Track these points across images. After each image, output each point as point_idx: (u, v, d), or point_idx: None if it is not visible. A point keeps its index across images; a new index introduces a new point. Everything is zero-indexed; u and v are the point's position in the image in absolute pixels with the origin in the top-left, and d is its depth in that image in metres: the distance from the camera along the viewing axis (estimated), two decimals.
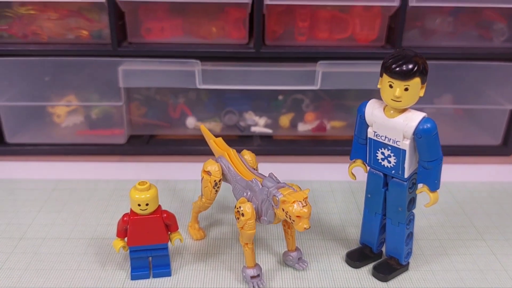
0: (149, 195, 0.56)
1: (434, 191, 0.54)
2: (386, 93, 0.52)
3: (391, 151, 0.54)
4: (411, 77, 0.49)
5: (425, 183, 0.54)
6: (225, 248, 0.66)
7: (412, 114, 0.52)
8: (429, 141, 0.51)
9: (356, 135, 0.58)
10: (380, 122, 0.54)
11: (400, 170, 0.54)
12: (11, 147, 0.91)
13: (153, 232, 0.58)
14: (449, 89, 0.91)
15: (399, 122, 0.52)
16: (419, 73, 0.49)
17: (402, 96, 0.50)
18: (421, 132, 0.51)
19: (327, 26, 0.86)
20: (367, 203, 0.61)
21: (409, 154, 0.53)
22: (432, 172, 0.53)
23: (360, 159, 0.60)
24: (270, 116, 0.95)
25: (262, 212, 0.56)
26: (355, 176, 0.61)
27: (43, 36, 0.86)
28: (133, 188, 0.57)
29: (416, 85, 0.50)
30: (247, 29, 0.86)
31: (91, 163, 0.89)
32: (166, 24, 0.86)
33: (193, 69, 0.85)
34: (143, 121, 0.95)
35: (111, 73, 0.86)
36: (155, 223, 0.58)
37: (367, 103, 0.56)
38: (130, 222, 0.57)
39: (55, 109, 0.91)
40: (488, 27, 0.88)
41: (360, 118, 0.56)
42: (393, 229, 0.59)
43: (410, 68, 0.49)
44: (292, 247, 0.62)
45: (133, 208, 0.57)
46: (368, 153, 0.57)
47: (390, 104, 0.52)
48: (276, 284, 0.60)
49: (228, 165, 0.62)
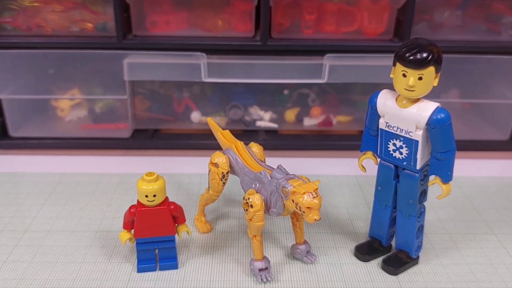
0: (157, 186, 0.55)
1: (446, 183, 0.53)
2: (399, 83, 0.51)
3: (403, 142, 0.53)
4: (426, 66, 0.48)
5: (438, 174, 0.53)
6: (232, 241, 0.65)
7: (425, 104, 0.51)
8: (442, 131, 0.50)
9: (367, 126, 0.57)
10: (392, 112, 0.53)
11: (412, 162, 0.53)
12: (15, 140, 0.91)
13: (160, 224, 0.57)
14: (456, 83, 0.90)
15: (412, 112, 0.51)
16: (434, 61, 0.48)
17: (416, 85, 0.49)
18: (435, 122, 0.50)
19: (334, 19, 0.85)
20: (377, 196, 0.60)
21: (422, 145, 0.52)
22: (445, 164, 0.52)
23: (370, 151, 0.59)
24: (275, 111, 0.94)
25: (271, 203, 0.55)
26: (365, 169, 0.60)
27: (47, 29, 0.85)
28: (141, 179, 0.56)
29: (430, 74, 0.49)
30: (253, 22, 0.85)
31: (96, 157, 0.88)
32: (171, 17, 0.86)
33: (199, 62, 0.84)
34: (148, 115, 0.94)
35: (116, 66, 0.85)
36: (162, 215, 0.57)
37: (378, 94, 0.55)
38: (137, 213, 0.57)
39: (59, 102, 0.90)
40: (497, 21, 0.87)
41: (372, 109, 0.55)
42: (404, 222, 0.58)
43: (424, 57, 0.48)
44: (301, 240, 0.61)
45: (140, 200, 0.56)
46: (380, 144, 0.56)
47: (403, 94, 0.51)
48: (285, 277, 0.59)
49: (236, 157, 0.61)
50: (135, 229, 0.57)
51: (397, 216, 0.59)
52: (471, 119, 0.96)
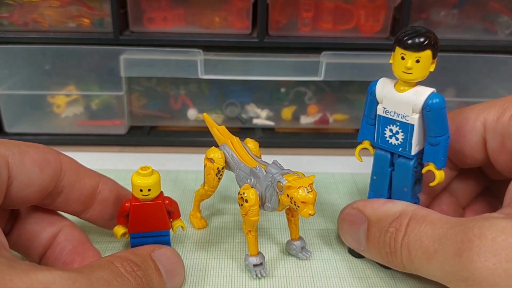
0: (151, 180, 0.55)
1: (440, 169, 0.54)
2: (397, 66, 0.52)
3: (399, 127, 0.54)
4: (423, 49, 0.50)
5: (432, 160, 0.54)
6: (227, 237, 0.65)
7: (421, 89, 0.53)
8: (437, 115, 0.52)
9: (365, 115, 0.58)
10: (389, 96, 0.54)
11: (407, 147, 0.54)
12: (10, 136, 0.90)
13: (154, 218, 0.57)
14: (452, 82, 0.91)
15: (409, 96, 0.53)
16: (431, 46, 0.50)
17: (414, 67, 0.51)
18: (430, 106, 0.51)
19: (331, 17, 0.85)
20: (372, 186, 0.60)
21: (417, 130, 0.53)
22: (439, 149, 0.53)
23: (368, 140, 0.59)
24: (272, 109, 0.94)
25: (266, 198, 0.55)
26: (361, 158, 0.61)
27: (44, 24, 0.85)
28: (135, 173, 0.56)
29: (427, 57, 0.51)
30: (251, 19, 0.85)
31: (92, 153, 0.88)
32: (168, 13, 0.86)
33: (195, 59, 0.84)
34: (144, 112, 0.94)
35: (113, 62, 0.85)
36: (157, 209, 0.57)
37: (377, 81, 0.56)
38: (131, 208, 0.56)
39: (55, 99, 0.90)
40: (493, 20, 0.87)
41: (371, 96, 0.56)
42: None
43: (422, 41, 0.50)
44: (296, 236, 0.61)
45: (135, 194, 0.56)
46: (376, 131, 0.57)
47: (401, 77, 0.52)
48: (279, 272, 0.59)
49: (231, 153, 0.61)
50: (129, 223, 0.57)
51: None
52: None
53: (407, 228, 0.51)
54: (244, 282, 0.57)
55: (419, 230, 0.50)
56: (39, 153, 0.51)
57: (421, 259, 0.49)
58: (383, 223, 0.53)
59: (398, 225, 0.52)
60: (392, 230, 0.52)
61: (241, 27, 0.86)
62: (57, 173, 0.53)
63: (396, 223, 0.52)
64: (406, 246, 0.50)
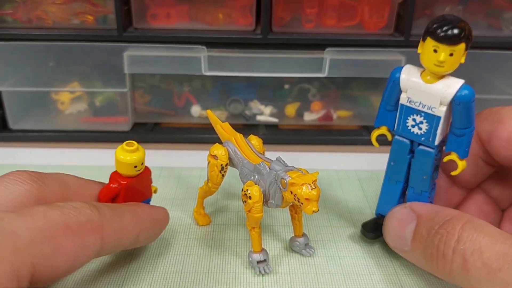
0: (141, 154, 0.55)
1: (463, 159, 0.53)
2: (428, 58, 0.50)
3: (424, 117, 0.53)
4: (458, 42, 0.48)
5: (456, 150, 0.53)
6: (230, 233, 0.65)
7: (451, 81, 0.51)
8: (466, 108, 0.50)
9: (384, 101, 0.57)
10: (416, 87, 0.52)
11: (431, 137, 0.53)
12: (15, 133, 0.91)
13: (142, 189, 0.57)
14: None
15: (438, 88, 0.51)
16: (466, 38, 0.48)
17: (447, 61, 0.49)
18: (460, 98, 0.50)
19: (335, 13, 0.85)
20: (389, 172, 0.59)
21: (443, 121, 0.52)
22: (464, 140, 0.52)
23: (385, 126, 0.58)
24: (275, 105, 0.94)
25: (270, 195, 0.55)
26: (378, 144, 0.60)
27: (47, 21, 0.85)
28: (124, 151, 0.54)
29: (460, 50, 0.49)
30: (254, 15, 0.85)
31: (95, 150, 0.88)
32: (172, 10, 0.85)
33: (199, 55, 0.84)
34: (148, 109, 0.94)
35: (116, 58, 0.85)
36: (145, 179, 0.57)
37: (402, 68, 0.54)
38: (124, 187, 0.55)
39: (59, 96, 0.90)
40: (497, 16, 0.87)
41: (394, 84, 0.54)
42: (415, 198, 0.58)
43: (457, 33, 0.48)
44: (299, 233, 0.61)
45: (127, 172, 0.54)
46: (398, 119, 0.56)
47: (432, 69, 0.50)
48: (283, 269, 0.59)
49: (235, 149, 0.61)
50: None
51: (408, 193, 0.58)
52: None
53: (461, 233, 0.48)
54: (247, 278, 0.57)
55: (477, 240, 0.46)
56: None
57: (480, 271, 0.45)
58: (433, 223, 0.51)
59: (450, 227, 0.49)
60: (443, 232, 0.49)
61: (245, 23, 0.86)
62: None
63: (448, 225, 0.49)
64: (461, 254, 0.47)
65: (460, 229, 0.48)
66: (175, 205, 0.71)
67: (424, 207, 0.54)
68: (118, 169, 0.55)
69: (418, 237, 0.52)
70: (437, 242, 0.49)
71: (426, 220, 0.52)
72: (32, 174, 0.50)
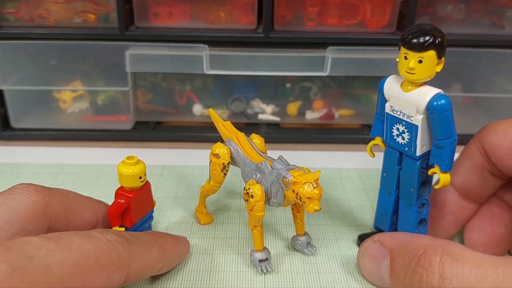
0: (142, 165, 0.56)
1: (444, 172, 0.53)
2: (401, 65, 0.51)
3: (405, 126, 0.54)
4: (425, 49, 0.49)
5: (437, 163, 0.53)
6: (232, 232, 0.65)
7: (426, 90, 0.51)
8: (441, 117, 0.50)
9: (377, 112, 0.58)
10: (395, 95, 0.54)
11: (413, 147, 0.54)
12: (17, 131, 0.91)
13: (147, 199, 0.59)
14: (459, 77, 0.90)
15: (413, 97, 0.52)
16: (434, 46, 0.49)
17: (416, 68, 0.50)
18: (433, 108, 0.50)
19: (337, 12, 0.85)
20: (383, 182, 0.60)
21: (422, 131, 0.52)
22: (444, 152, 0.52)
23: (379, 137, 0.59)
24: (277, 104, 0.94)
25: (272, 194, 0.55)
26: (373, 154, 0.61)
27: (49, 20, 0.85)
28: (126, 166, 0.55)
29: (430, 58, 0.49)
30: (256, 14, 0.85)
31: (97, 148, 0.89)
32: (174, 8, 0.86)
33: (201, 54, 0.84)
34: (150, 107, 0.94)
35: (118, 57, 0.85)
36: (147, 189, 0.58)
37: (386, 78, 0.55)
38: (132, 200, 0.56)
39: (61, 94, 0.91)
40: (500, 15, 0.87)
41: (380, 93, 0.56)
42: (405, 212, 0.58)
43: (424, 40, 0.49)
44: (301, 232, 0.61)
45: (133, 184, 0.56)
46: (385, 129, 0.57)
47: (405, 76, 0.52)
48: (285, 268, 0.59)
49: (237, 148, 0.61)
50: (129, 218, 0.57)
51: (400, 206, 0.59)
52: (473, 113, 0.95)
53: (442, 270, 0.44)
54: (249, 277, 0.57)
55: (464, 274, 0.43)
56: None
57: None
58: (407, 259, 0.48)
59: (427, 264, 0.45)
60: (421, 271, 0.45)
61: (247, 22, 0.86)
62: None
63: (424, 261, 0.46)
64: None
65: (440, 264, 0.45)
66: (177, 203, 0.71)
67: (392, 240, 0.52)
68: (124, 183, 0.56)
69: (395, 275, 0.50)
70: (418, 282, 0.46)
71: (398, 256, 0.50)
72: (38, 186, 0.52)
